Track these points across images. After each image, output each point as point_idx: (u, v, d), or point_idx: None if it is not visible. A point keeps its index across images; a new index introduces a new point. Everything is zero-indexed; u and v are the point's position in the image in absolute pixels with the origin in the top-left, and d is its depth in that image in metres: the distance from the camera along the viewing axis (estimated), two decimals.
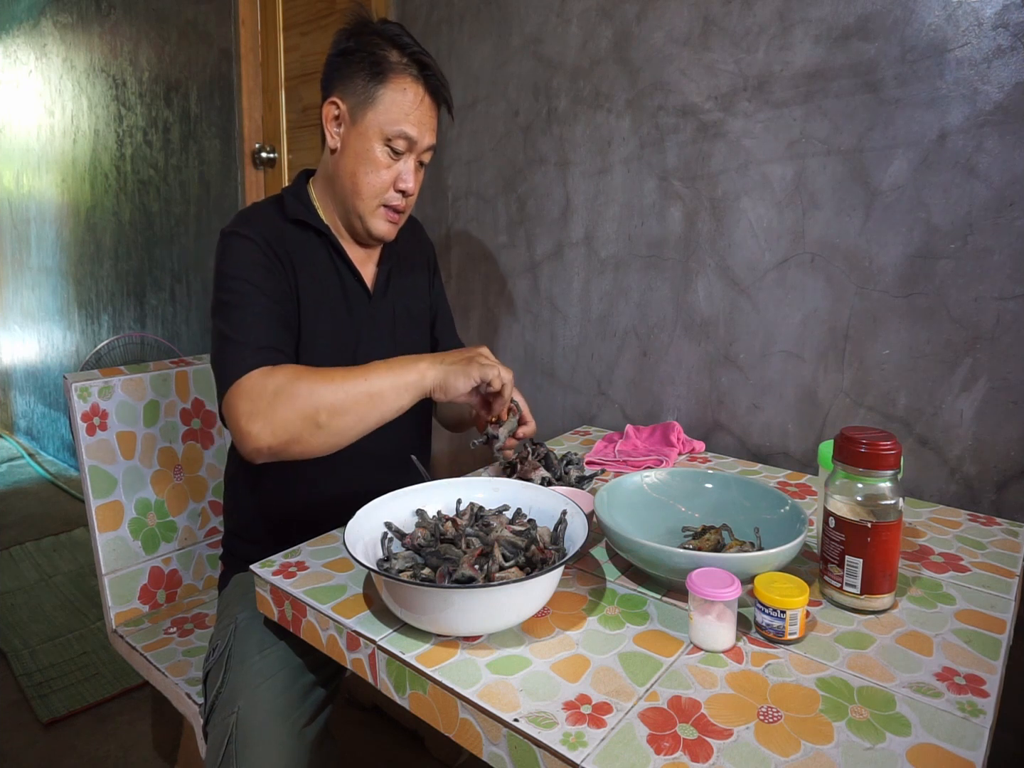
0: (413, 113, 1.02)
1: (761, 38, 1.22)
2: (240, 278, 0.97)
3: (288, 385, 0.88)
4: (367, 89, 1.01)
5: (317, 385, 0.88)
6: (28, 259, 3.98)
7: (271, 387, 0.88)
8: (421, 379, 0.90)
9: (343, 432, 0.89)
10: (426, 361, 0.92)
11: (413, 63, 1.02)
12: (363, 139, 1.02)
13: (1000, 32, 1.00)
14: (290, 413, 0.87)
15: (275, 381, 0.89)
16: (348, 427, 0.89)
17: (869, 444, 0.73)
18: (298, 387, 0.88)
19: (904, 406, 1.13)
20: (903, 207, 1.10)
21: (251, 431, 0.87)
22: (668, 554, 0.75)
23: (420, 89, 1.03)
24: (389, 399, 0.89)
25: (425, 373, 0.90)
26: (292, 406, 0.87)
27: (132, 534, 1.33)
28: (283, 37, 2.20)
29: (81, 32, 3.18)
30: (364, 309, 1.12)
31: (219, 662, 0.95)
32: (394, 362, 0.92)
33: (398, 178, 1.04)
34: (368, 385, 0.89)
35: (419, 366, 0.91)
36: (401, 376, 0.90)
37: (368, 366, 0.91)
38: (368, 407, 0.89)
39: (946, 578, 0.83)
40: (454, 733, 0.64)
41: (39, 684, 1.83)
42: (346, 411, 0.88)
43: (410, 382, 0.90)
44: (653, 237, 1.41)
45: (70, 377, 1.28)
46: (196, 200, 2.58)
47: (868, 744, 0.56)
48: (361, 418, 0.89)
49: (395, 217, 1.08)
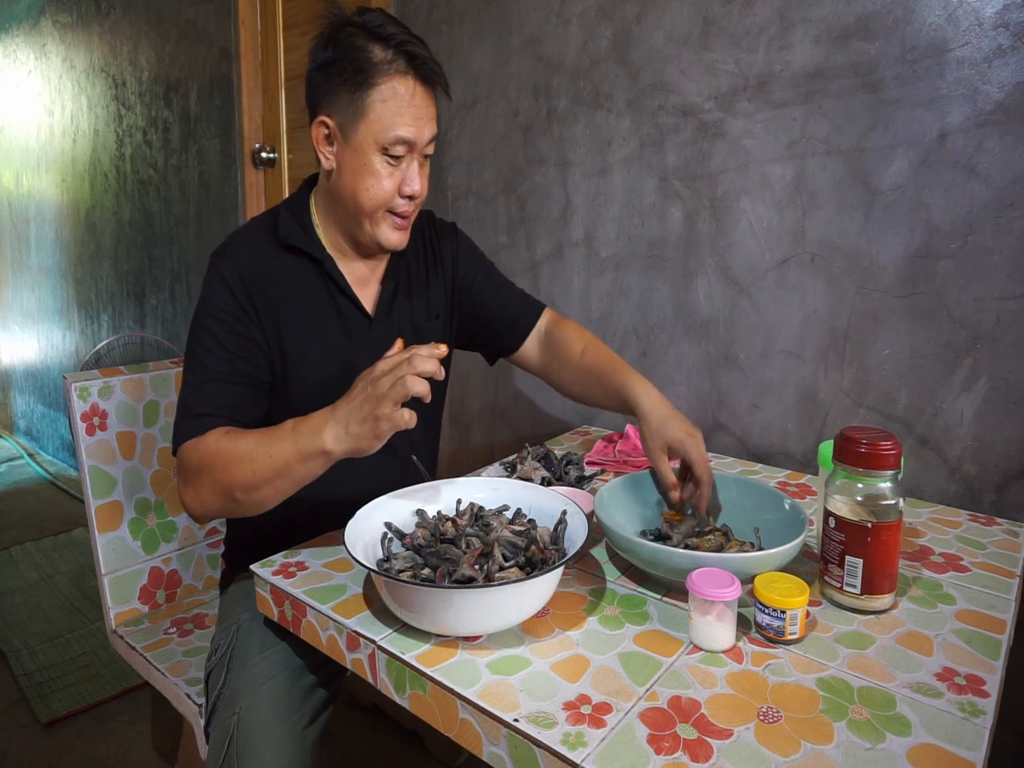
0: (407, 112, 0.94)
1: (761, 38, 1.22)
2: (205, 327, 0.97)
3: (207, 462, 0.88)
4: (354, 100, 0.93)
5: (229, 463, 0.86)
6: (28, 259, 3.98)
7: (195, 462, 0.89)
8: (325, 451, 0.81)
9: (262, 503, 0.87)
10: (329, 432, 0.80)
11: (400, 55, 0.93)
12: (358, 154, 0.95)
13: (1000, 32, 1.00)
14: (209, 491, 0.88)
15: (198, 456, 0.89)
16: (266, 499, 0.87)
17: (869, 444, 0.73)
18: (214, 464, 0.87)
19: (904, 406, 1.13)
20: (903, 207, 1.10)
21: (186, 501, 0.91)
22: (668, 554, 0.75)
23: (410, 82, 0.94)
24: (298, 471, 0.83)
25: (327, 445, 0.80)
26: (210, 483, 0.88)
27: (132, 534, 1.33)
28: (283, 37, 2.20)
29: (81, 32, 3.18)
30: (364, 334, 1.07)
31: (221, 662, 0.95)
32: (299, 427, 0.83)
33: (403, 183, 0.97)
34: (272, 462, 0.83)
35: (321, 433, 0.80)
36: (304, 445, 0.81)
37: (276, 434, 0.84)
38: (280, 480, 0.84)
39: (946, 578, 0.83)
40: (454, 733, 0.64)
41: (39, 684, 1.83)
42: (257, 487, 0.85)
43: (312, 453, 0.81)
44: (653, 237, 1.41)
45: (70, 377, 1.28)
46: (196, 200, 2.58)
47: (868, 744, 0.56)
48: (277, 490, 0.85)
49: (403, 223, 1.01)
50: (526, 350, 1.20)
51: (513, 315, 1.19)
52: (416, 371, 0.75)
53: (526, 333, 1.19)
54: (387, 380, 0.76)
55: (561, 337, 1.16)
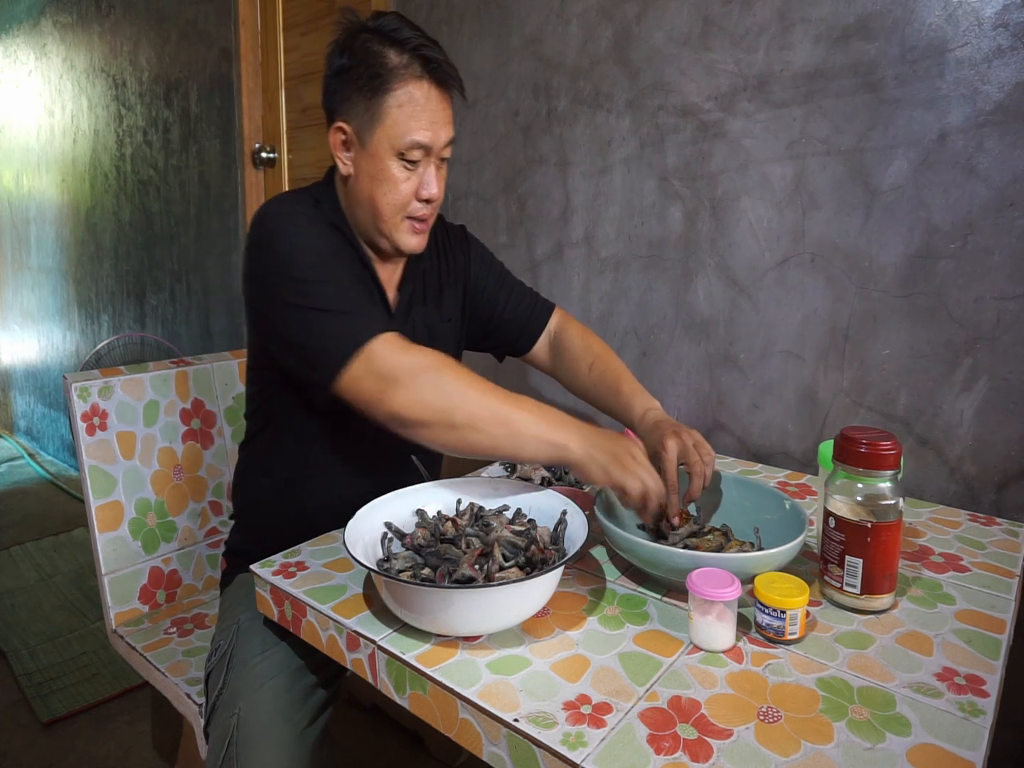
0: (423, 116, 0.94)
1: (761, 38, 1.22)
2: (315, 254, 0.92)
3: (436, 369, 0.84)
4: (370, 106, 0.93)
5: (465, 385, 0.83)
6: (28, 259, 3.98)
7: (413, 361, 0.84)
8: (564, 449, 0.82)
9: (472, 446, 0.83)
10: (578, 433, 0.83)
11: (415, 59, 0.93)
12: (375, 160, 0.95)
13: (1000, 32, 1.00)
14: (431, 397, 0.83)
15: (419, 358, 0.85)
16: (478, 444, 0.83)
17: (869, 444, 0.73)
18: (445, 376, 0.83)
19: (904, 406, 1.13)
20: (903, 207, 1.10)
21: (393, 396, 0.83)
22: (668, 554, 0.75)
23: (426, 86, 0.94)
24: (527, 444, 0.83)
25: (571, 447, 0.82)
26: (435, 391, 0.83)
27: (132, 534, 1.33)
28: (283, 37, 2.20)
29: (81, 32, 3.18)
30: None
31: (221, 663, 0.95)
32: (548, 413, 0.85)
33: (420, 187, 0.97)
34: (514, 416, 0.82)
35: (569, 434, 0.83)
36: (548, 432, 0.83)
37: (520, 399, 0.85)
38: (505, 438, 0.82)
39: (946, 578, 0.83)
40: (454, 733, 0.64)
41: (39, 684, 1.83)
42: (481, 428, 0.82)
43: (554, 443, 0.82)
44: (653, 237, 1.41)
45: (70, 377, 1.28)
46: (196, 200, 2.58)
47: (868, 744, 0.56)
48: (495, 445, 0.83)
49: (422, 227, 1.01)
50: (536, 351, 1.22)
51: (524, 318, 1.20)
52: (650, 487, 0.82)
53: (537, 335, 1.21)
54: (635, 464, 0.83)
55: (570, 346, 1.17)
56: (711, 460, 0.91)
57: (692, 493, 0.90)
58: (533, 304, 1.21)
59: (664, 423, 0.96)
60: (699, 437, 0.93)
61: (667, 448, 0.90)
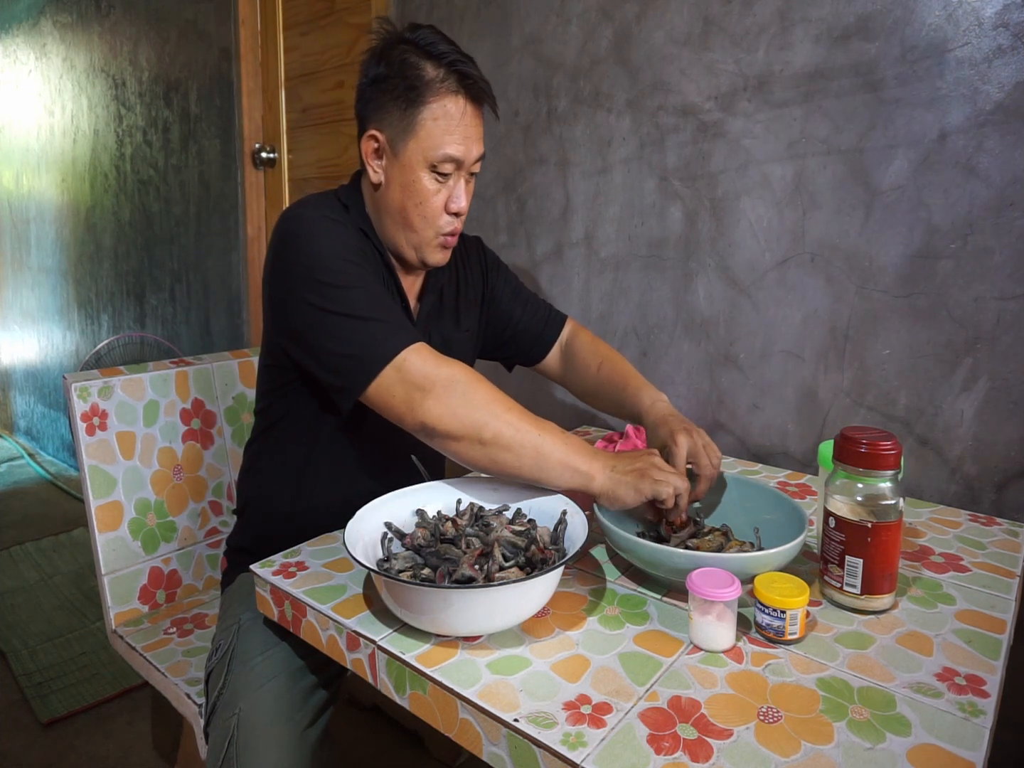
0: (457, 131, 0.95)
1: (761, 38, 1.22)
2: (346, 259, 0.91)
3: (468, 383, 0.84)
4: (405, 116, 0.94)
5: (496, 403, 0.84)
6: (28, 259, 3.98)
7: (446, 373, 0.84)
8: (588, 477, 0.83)
9: (500, 465, 0.84)
10: (600, 462, 0.84)
11: (451, 74, 0.94)
12: (407, 170, 0.95)
13: (1000, 32, 1.00)
14: (462, 410, 0.83)
15: (452, 370, 0.85)
16: (504, 463, 0.83)
17: (869, 444, 0.73)
18: (476, 391, 0.84)
19: (904, 406, 1.13)
20: (903, 207, 1.10)
21: (424, 406, 0.83)
22: (668, 554, 0.75)
23: (461, 101, 0.95)
24: (553, 469, 0.83)
25: (595, 475, 0.83)
26: (466, 405, 0.83)
27: (132, 534, 1.33)
28: (283, 37, 2.20)
29: (81, 32, 3.18)
30: None
31: (221, 663, 0.95)
32: (573, 440, 0.85)
33: (449, 200, 0.98)
34: (541, 440, 0.83)
35: (593, 464, 0.83)
36: (574, 459, 0.83)
37: (546, 424, 0.85)
38: (531, 460, 0.83)
39: (946, 578, 0.83)
40: (454, 733, 0.64)
41: (39, 684, 1.83)
42: (509, 448, 0.82)
43: (579, 470, 0.83)
44: (653, 237, 1.41)
45: (70, 377, 1.28)
46: (196, 200, 2.58)
47: (868, 744, 0.56)
48: (520, 466, 0.83)
49: (450, 241, 1.02)
50: (548, 361, 1.24)
51: (538, 329, 1.23)
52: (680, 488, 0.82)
53: (550, 346, 1.23)
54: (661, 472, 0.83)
55: (580, 351, 1.20)
56: (719, 463, 0.92)
57: (696, 494, 0.91)
58: (547, 315, 1.24)
59: (673, 418, 0.96)
60: (708, 438, 0.93)
61: (679, 444, 0.90)
